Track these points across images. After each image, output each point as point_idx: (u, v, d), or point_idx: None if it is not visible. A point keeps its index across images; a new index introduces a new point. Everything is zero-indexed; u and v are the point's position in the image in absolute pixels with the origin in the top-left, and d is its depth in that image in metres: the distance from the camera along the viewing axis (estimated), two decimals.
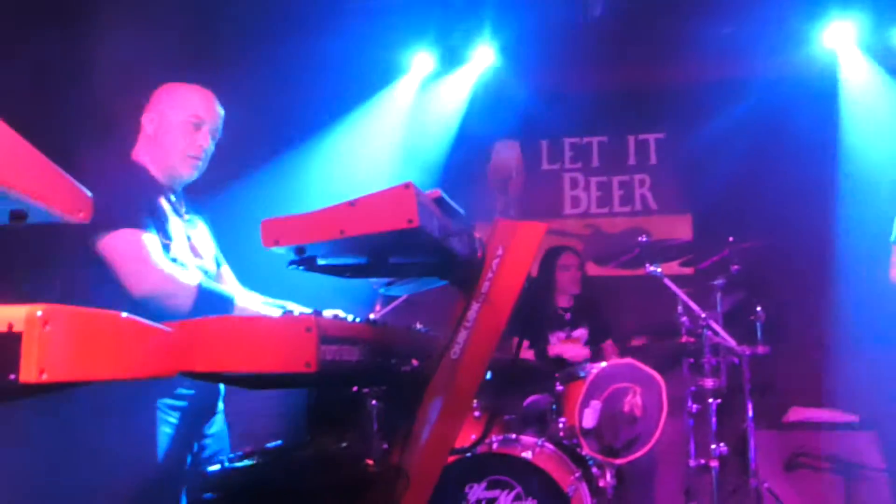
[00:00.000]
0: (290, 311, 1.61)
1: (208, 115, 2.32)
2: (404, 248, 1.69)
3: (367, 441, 2.00)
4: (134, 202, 2.14)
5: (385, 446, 1.95)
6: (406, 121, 5.22)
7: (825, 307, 4.78)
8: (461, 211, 1.94)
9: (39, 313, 1.03)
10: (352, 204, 1.57)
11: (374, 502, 1.83)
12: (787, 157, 4.92)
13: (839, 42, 4.76)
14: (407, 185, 1.54)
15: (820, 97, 4.88)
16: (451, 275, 1.92)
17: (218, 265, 2.45)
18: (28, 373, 1.02)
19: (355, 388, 1.94)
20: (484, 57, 4.99)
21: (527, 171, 5.39)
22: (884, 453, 4.30)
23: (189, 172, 2.31)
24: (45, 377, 1.04)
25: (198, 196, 2.51)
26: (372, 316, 3.26)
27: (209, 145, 2.33)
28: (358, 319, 1.66)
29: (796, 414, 4.61)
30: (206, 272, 2.32)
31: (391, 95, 5.18)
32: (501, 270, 1.93)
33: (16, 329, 1.03)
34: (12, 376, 1.03)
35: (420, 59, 5.11)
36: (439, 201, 1.76)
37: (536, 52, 4.92)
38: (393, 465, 1.84)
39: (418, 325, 2.20)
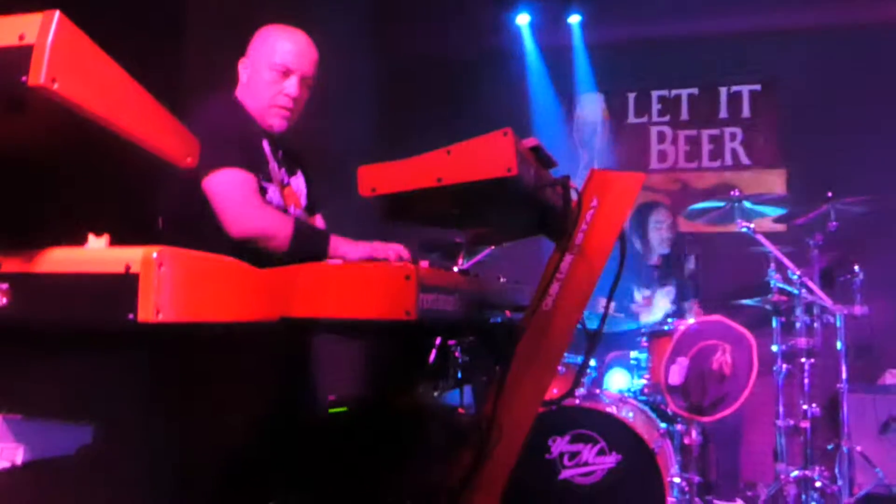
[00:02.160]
0: (387, 259, 1.61)
1: (298, 63, 2.24)
2: (500, 197, 1.67)
3: (458, 392, 2.01)
4: (237, 142, 2.12)
5: (476, 397, 1.96)
6: (499, 74, 5.16)
7: None
8: (555, 161, 1.90)
9: (155, 255, 1.06)
10: (448, 152, 1.56)
11: (466, 450, 1.85)
12: (888, 109, 4.64)
13: None
14: (505, 133, 1.52)
15: None
16: (545, 226, 1.90)
17: (311, 214, 2.47)
18: (146, 312, 1.06)
19: (449, 340, 1.94)
20: (569, 9, 4.85)
21: (612, 124, 5.26)
22: None
23: (279, 123, 2.26)
24: (161, 317, 1.07)
25: (297, 143, 2.50)
26: (455, 268, 3.27)
27: (298, 94, 2.25)
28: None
29: (893, 377, 4.43)
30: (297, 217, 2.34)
31: (479, 48, 5.13)
32: (596, 222, 1.89)
33: (133, 270, 1.06)
34: (130, 316, 1.07)
35: (520, 17, 5.03)
36: (536, 150, 1.73)
37: (622, 1, 4.76)
38: (485, 416, 1.85)
39: (502, 279, 2.19)
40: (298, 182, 2.40)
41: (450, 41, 5.18)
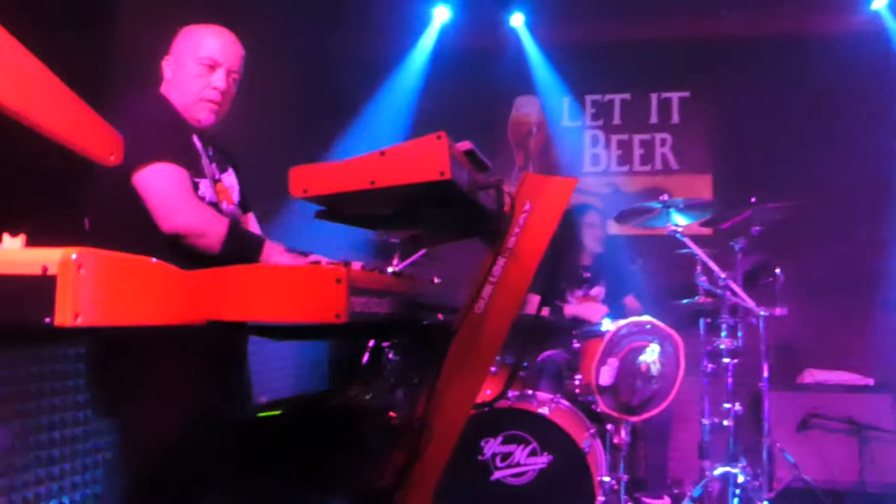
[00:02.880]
0: (318, 262, 1.59)
1: (224, 56, 2.24)
2: (433, 200, 1.68)
3: (389, 394, 2.01)
4: (168, 136, 2.09)
5: (408, 399, 1.96)
6: (427, 74, 5.16)
7: (843, 271, 4.75)
8: (489, 164, 1.91)
9: (74, 256, 1.02)
10: (382, 153, 1.55)
11: (398, 453, 1.85)
12: (812, 119, 4.84)
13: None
14: (439, 136, 1.52)
15: (854, 59, 4.77)
16: (478, 229, 1.91)
17: (244, 212, 2.43)
18: (63, 316, 1.02)
19: (382, 342, 1.93)
20: (507, 10, 4.89)
21: (547, 127, 5.33)
22: None
23: (207, 116, 2.24)
24: (79, 321, 1.03)
25: (227, 139, 2.46)
26: (390, 269, 3.26)
27: (226, 87, 2.24)
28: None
29: (811, 375, 4.62)
30: (232, 217, 2.30)
31: (414, 49, 5.12)
32: (529, 226, 1.91)
33: (50, 272, 1.02)
34: (47, 319, 1.03)
35: (439, 13, 5.02)
36: (470, 154, 1.74)
37: (560, 5, 4.83)
38: (416, 418, 1.85)
39: (436, 280, 2.20)
40: (230, 178, 2.36)
41: (387, 42, 5.16)
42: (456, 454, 1.94)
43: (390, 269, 2.01)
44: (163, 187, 2.02)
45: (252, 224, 2.45)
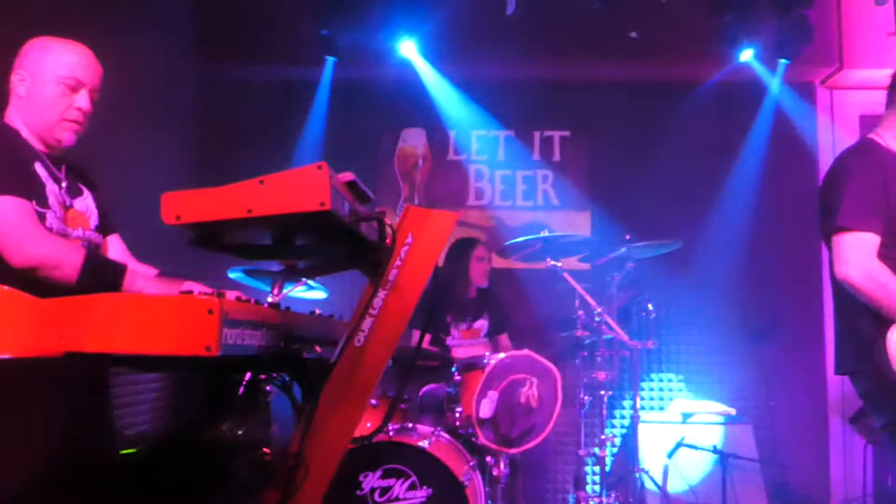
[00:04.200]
0: (190, 291, 1.53)
1: (88, 76, 2.17)
2: (313, 230, 1.65)
3: (264, 429, 1.94)
4: (6, 168, 2.01)
5: (284, 434, 1.90)
6: (316, 104, 5.12)
7: (709, 306, 5.03)
8: (372, 196, 1.91)
9: None
10: (261, 182, 1.52)
11: (270, 491, 1.78)
12: (683, 161, 5.12)
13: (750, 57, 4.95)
14: (320, 166, 1.50)
15: (724, 106, 5.11)
16: (359, 261, 1.89)
17: (106, 234, 2.33)
18: None
19: (259, 375, 1.87)
20: (397, 45, 4.93)
21: (433, 160, 5.39)
22: (757, 444, 4.56)
23: (69, 137, 2.18)
24: None
25: (86, 162, 2.36)
26: (270, 299, 3.18)
27: (89, 108, 2.19)
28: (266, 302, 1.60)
29: (680, 406, 4.83)
30: (90, 243, 2.20)
31: (302, 76, 5.07)
32: (410, 258, 1.91)
33: None
34: None
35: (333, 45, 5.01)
36: (352, 185, 1.72)
37: (450, 42, 4.92)
38: (291, 454, 1.79)
39: (317, 311, 2.16)
40: (85, 202, 2.26)
41: (273, 69, 5.10)
42: (333, 490, 1.89)
43: (270, 300, 1.97)
44: (5, 222, 1.94)
45: (115, 247, 2.35)
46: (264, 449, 1.85)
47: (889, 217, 2.34)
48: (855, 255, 2.31)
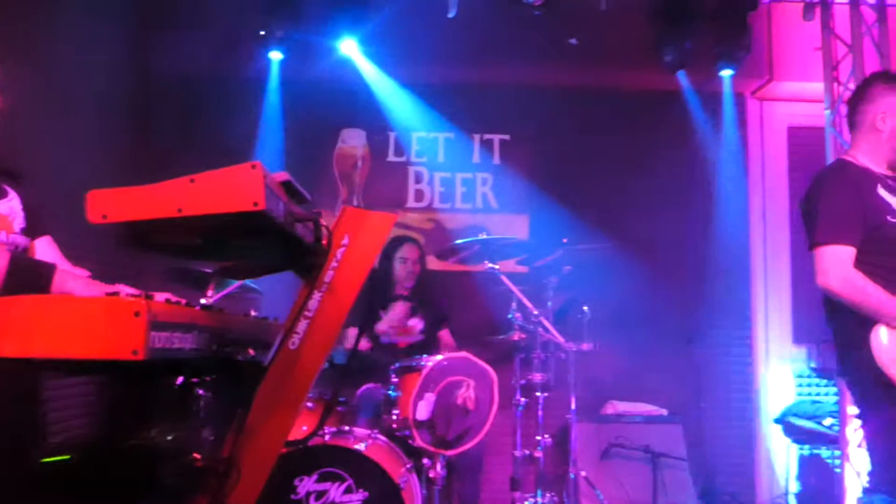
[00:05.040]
0: (117, 293, 1.48)
1: None
2: (247, 231, 1.62)
3: (195, 433, 1.90)
4: None
5: (215, 438, 1.86)
6: (254, 102, 5.04)
7: (643, 309, 5.13)
8: (308, 196, 1.88)
9: None
10: (192, 181, 1.48)
11: (201, 497, 1.74)
12: (619, 167, 5.22)
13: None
14: (254, 166, 1.47)
15: (659, 112, 5.21)
16: (294, 262, 1.86)
17: (35, 236, 2.24)
18: None
19: (184, 378, 1.83)
20: (338, 44, 4.88)
21: (373, 161, 5.36)
22: (687, 444, 4.67)
23: None
24: None
25: (11, 161, 2.27)
26: (204, 301, 3.11)
27: (3, 105, 2.12)
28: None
29: (614, 407, 4.91)
30: (15, 247, 2.12)
31: (241, 74, 4.98)
32: (346, 260, 1.89)
33: None
34: None
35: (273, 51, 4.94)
36: (287, 185, 1.70)
37: (392, 43, 4.90)
38: (222, 459, 1.76)
39: (253, 313, 2.12)
40: (8, 204, 2.18)
41: (210, 66, 4.99)
42: (267, 494, 1.86)
43: (204, 301, 1.92)
44: None
45: (44, 249, 2.27)
46: (194, 454, 1.81)
47: (867, 228, 2.54)
48: (832, 266, 2.52)
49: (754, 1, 4.88)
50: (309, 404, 3.49)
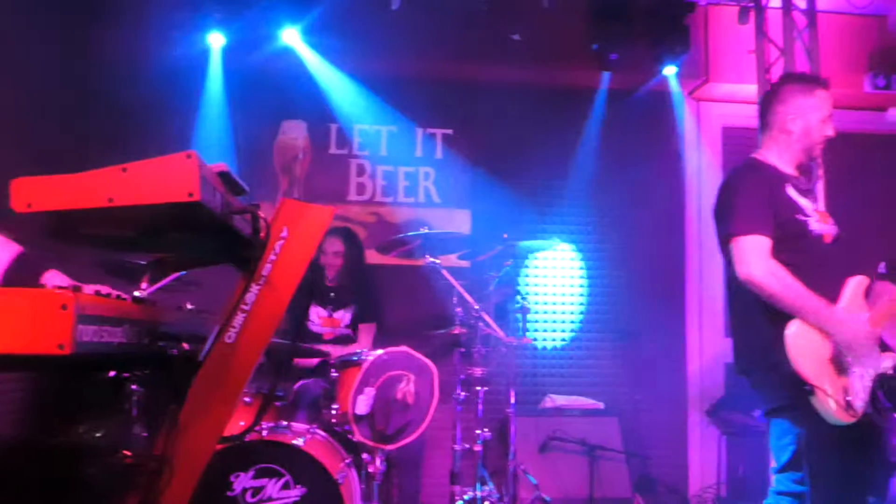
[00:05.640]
0: (43, 284, 1.43)
1: None
2: (182, 222, 1.57)
3: (126, 430, 1.84)
4: None
5: (147, 435, 1.81)
6: (194, 92, 4.93)
7: (583, 305, 5.21)
8: (246, 188, 1.85)
9: None
10: (124, 170, 1.43)
11: (131, 496, 1.69)
12: (560, 163, 5.28)
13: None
14: (189, 155, 1.43)
15: (598, 110, 5.29)
16: (231, 255, 1.82)
17: None
18: None
19: (115, 373, 1.77)
20: (279, 33, 4.80)
21: (314, 153, 5.29)
22: (623, 436, 4.77)
23: None
24: None
25: None
26: (137, 293, 3.02)
27: None
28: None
29: (552, 401, 4.97)
30: None
31: (182, 60, 4.86)
32: (285, 253, 1.86)
33: None
34: None
35: (213, 36, 4.83)
36: (224, 176, 1.66)
37: (335, 34, 4.85)
38: (153, 456, 1.71)
39: (189, 306, 2.08)
40: None
41: (150, 52, 4.84)
42: (202, 492, 1.82)
43: (137, 294, 1.87)
44: None
45: None
46: (125, 451, 1.76)
47: (776, 224, 2.58)
48: (753, 256, 2.53)
49: (691, 3, 4.99)
50: (246, 399, 3.44)
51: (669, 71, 5.13)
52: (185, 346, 1.76)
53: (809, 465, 2.54)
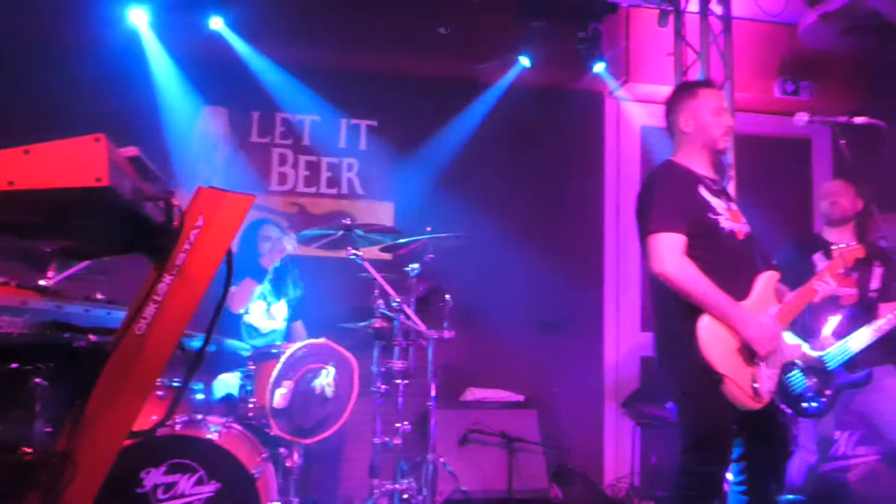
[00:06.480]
0: None
1: None
2: (90, 209, 1.50)
3: (27, 426, 1.75)
4: None
5: (51, 431, 1.73)
6: (116, 75, 4.74)
7: (504, 299, 5.26)
8: (160, 174, 1.78)
9: None
10: (27, 152, 1.36)
11: (32, 494, 1.61)
12: (484, 158, 5.31)
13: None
14: (97, 138, 1.37)
15: (522, 106, 5.33)
16: (143, 244, 1.75)
17: None
18: None
19: (16, 365, 1.68)
20: (204, 17, 4.66)
21: (234, 141, 5.16)
22: (541, 428, 4.84)
23: None
24: None
25: None
26: (43, 283, 2.89)
27: None
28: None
29: (472, 394, 5.01)
30: None
31: (98, 42, 4.66)
32: (200, 242, 1.80)
33: None
34: None
35: (135, 15, 4.66)
36: (135, 161, 1.59)
37: (260, 21, 4.74)
38: (56, 452, 1.64)
39: (99, 296, 1.99)
40: None
41: (66, 29, 4.62)
42: (109, 489, 1.75)
43: (43, 283, 1.78)
44: None
45: None
46: (24, 448, 1.67)
47: (690, 223, 2.70)
48: (667, 252, 2.66)
49: (614, 5, 5.10)
50: (159, 392, 3.33)
51: (598, 68, 5.23)
52: (93, 337, 1.69)
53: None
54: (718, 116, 2.93)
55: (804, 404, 3.59)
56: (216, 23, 4.70)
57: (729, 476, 2.82)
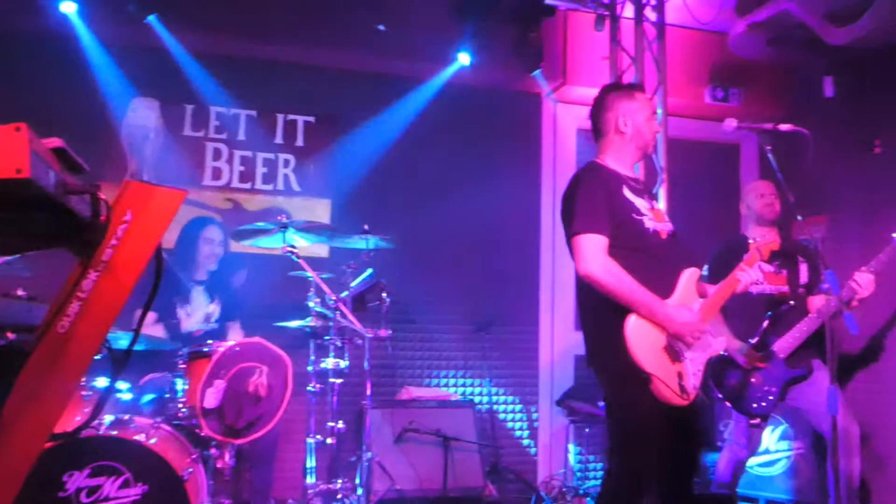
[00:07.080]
0: None
1: None
2: (9, 201, 1.44)
3: None
4: None
5: None
6: (41, 62, 4.56)
7: (441, 298, 5.27)
8: (85, 167, 1.72)
9: None
10: None
11: None
12: (421, 156, 5.30)
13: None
14: (18, 128, 1.31)
15: (463, 106, 5.34)
16: (67, 238, 1.69)
17: None
18: None
19: None
20: (131, 7, 4.52)
21: (166, 134, 5.02)
22: (477, 426, 4.87)
23: None
24: None
25: None
26: None
27: None
28: None
29: (408, 392, 5.00)
30: None
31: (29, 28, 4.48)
32: (128, 238, 1.75)
33: None
34: None
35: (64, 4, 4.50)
36: (59, 153, 1.53)
37: (193, 12, 4.63)
38: None
39: (20, 292, 1.91)
40: None
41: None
42: (29, 493, 1.68)
43: None
44: None
45: None
46: None
47: (614, 224, 2.75)
48: (591, 253, 2.69)
49: (551, 7, 5.16)
50: (84, 393, 3.23)
51: (535, 70, 5.28)
52: (11, 335, 1.62)
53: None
54: (651, 121, 3.00)
55: (754, 404, 3.68)
56: (146, 11, 4.56)
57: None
